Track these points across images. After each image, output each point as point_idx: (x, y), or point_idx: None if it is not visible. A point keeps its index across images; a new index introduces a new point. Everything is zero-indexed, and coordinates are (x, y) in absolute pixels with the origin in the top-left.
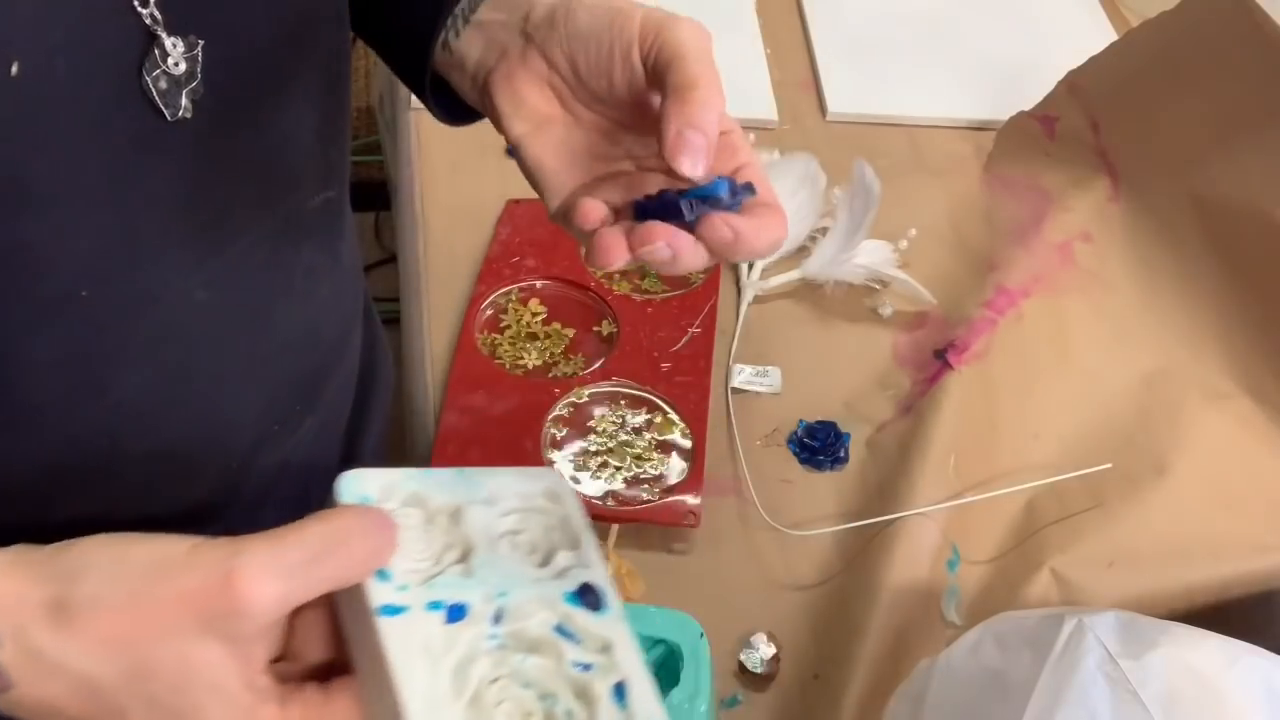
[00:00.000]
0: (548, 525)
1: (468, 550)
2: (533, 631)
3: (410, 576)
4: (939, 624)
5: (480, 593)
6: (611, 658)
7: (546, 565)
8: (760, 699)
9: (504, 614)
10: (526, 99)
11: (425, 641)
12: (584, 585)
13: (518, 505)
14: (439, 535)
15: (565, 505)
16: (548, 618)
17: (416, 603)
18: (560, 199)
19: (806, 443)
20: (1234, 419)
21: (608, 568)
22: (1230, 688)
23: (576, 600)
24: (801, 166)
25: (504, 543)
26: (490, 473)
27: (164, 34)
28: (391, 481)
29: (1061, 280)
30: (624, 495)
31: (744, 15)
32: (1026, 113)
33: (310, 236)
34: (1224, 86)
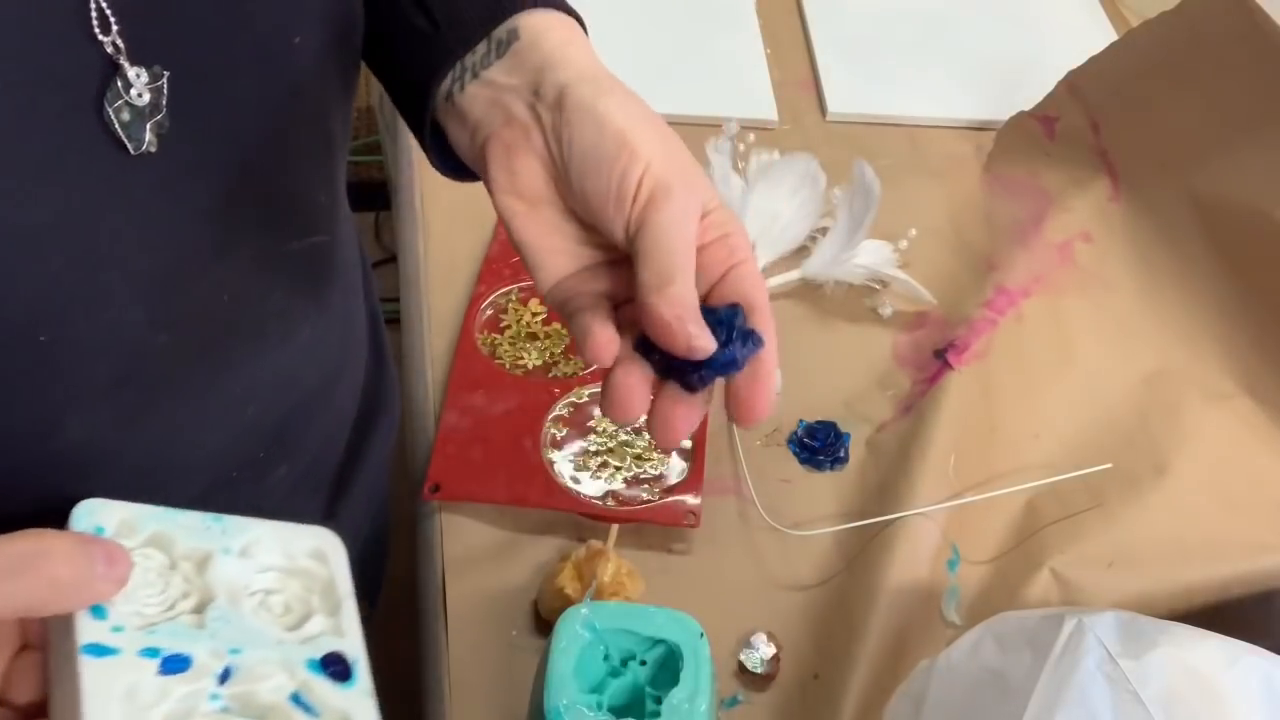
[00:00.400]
0: (308, 587)
1: (206, 601)
2: (263, 696)
3: (131, 619)
4: (939, 624)
5: (209, 647)
6: None
7: (296, 630)
8: (760, 699)
9: (233, 673)
10: (522, 175)
11: (130, 690)
12: (332, 654)
13: (277, 563)
14: (179, 583)
15: (331, 568)
16: (283, 683)
17: (130, 647)
18: (553, 280)
19: (806, 443)
20: (1234, 419)
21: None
22: (1230, 688)
23: (320, 669)
24: (801, 166)
25: (252, 600)
26: (254, 524)
27: (126, 63)
28: (136, 516)
29: (1061, 280)
30: (624, 495)
31: (744, 15)
32: (1026, 113)
33: (288, 281)
34: (1224, 86)
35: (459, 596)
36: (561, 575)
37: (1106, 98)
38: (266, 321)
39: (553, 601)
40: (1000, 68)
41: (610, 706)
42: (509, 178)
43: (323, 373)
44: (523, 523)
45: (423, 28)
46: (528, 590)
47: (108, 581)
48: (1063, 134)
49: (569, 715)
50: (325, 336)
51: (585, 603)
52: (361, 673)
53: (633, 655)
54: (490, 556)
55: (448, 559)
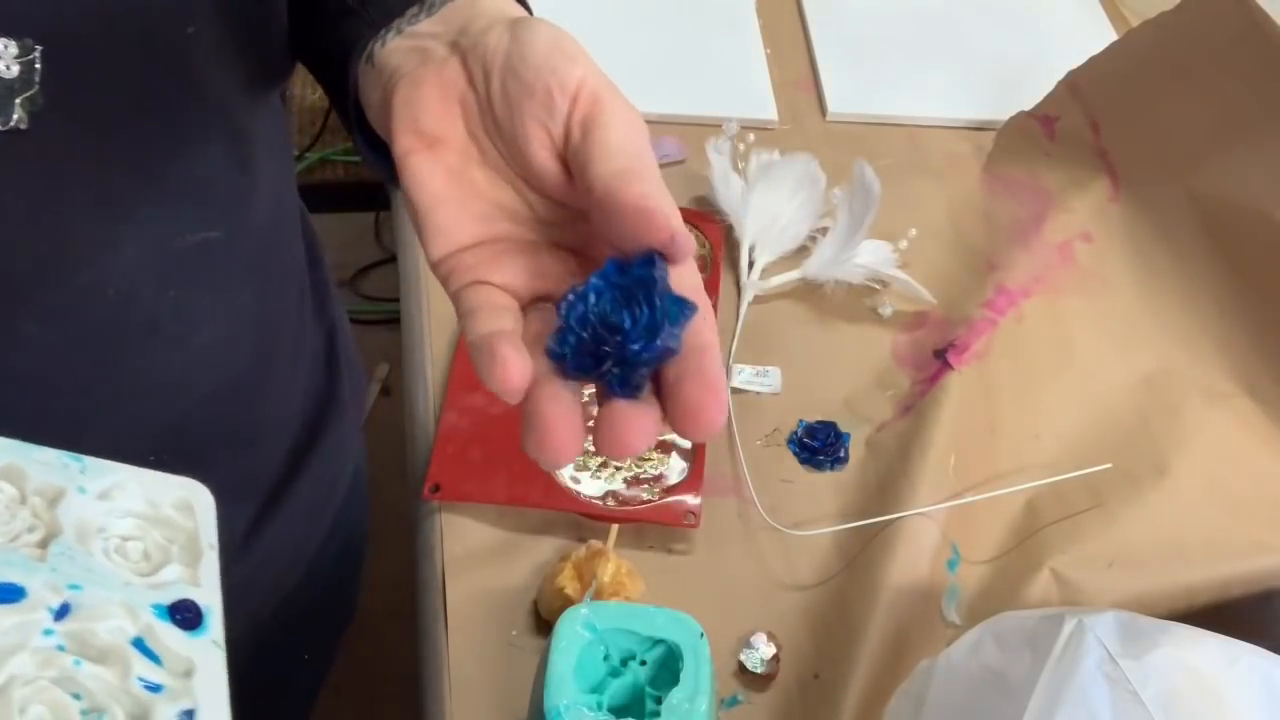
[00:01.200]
0: (169, 538)
1: (52, 536)
2: (102, 637)
3: None
4: (939, 624)
5: (47, 580)
6: (190, 684)
7: (149, 576)
8: (760, 699)
9: (71, 610)
10: (428, 110)
11: None
12: (183, 601)
13: (140, 510)
14: (26, 516)
15: (197, 519)
16: (125, 626)
17: None
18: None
19: (806, 443)
20: (1234, 419)
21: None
22: (1230, 688)
23: (167, 615)
24: (801, 166)
25: (105, 542)
26: (118, 468)
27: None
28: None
29: (1061, 280)
30: (624, 495)
31: (744, 15)
32: (1026, 113)
33: (185, 278)
34: (1224, 86)
35: (459, 596)
36: (561, 575)
37: (1106, 98)
38: (159, 319)
39: (553, 601)
40: (1000, 68)
41: (610, 706)
42: (410, 114)
43: (228, 377)
44: (523, 523)
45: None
46: (528, 590)
47: None
48: (1063, 134)
49: (569, 715)
50: (232, 340)
51: (585, 603)
52: (213, 623)
53: (633, 655)
54: (490, 556)
55: (448, 559)
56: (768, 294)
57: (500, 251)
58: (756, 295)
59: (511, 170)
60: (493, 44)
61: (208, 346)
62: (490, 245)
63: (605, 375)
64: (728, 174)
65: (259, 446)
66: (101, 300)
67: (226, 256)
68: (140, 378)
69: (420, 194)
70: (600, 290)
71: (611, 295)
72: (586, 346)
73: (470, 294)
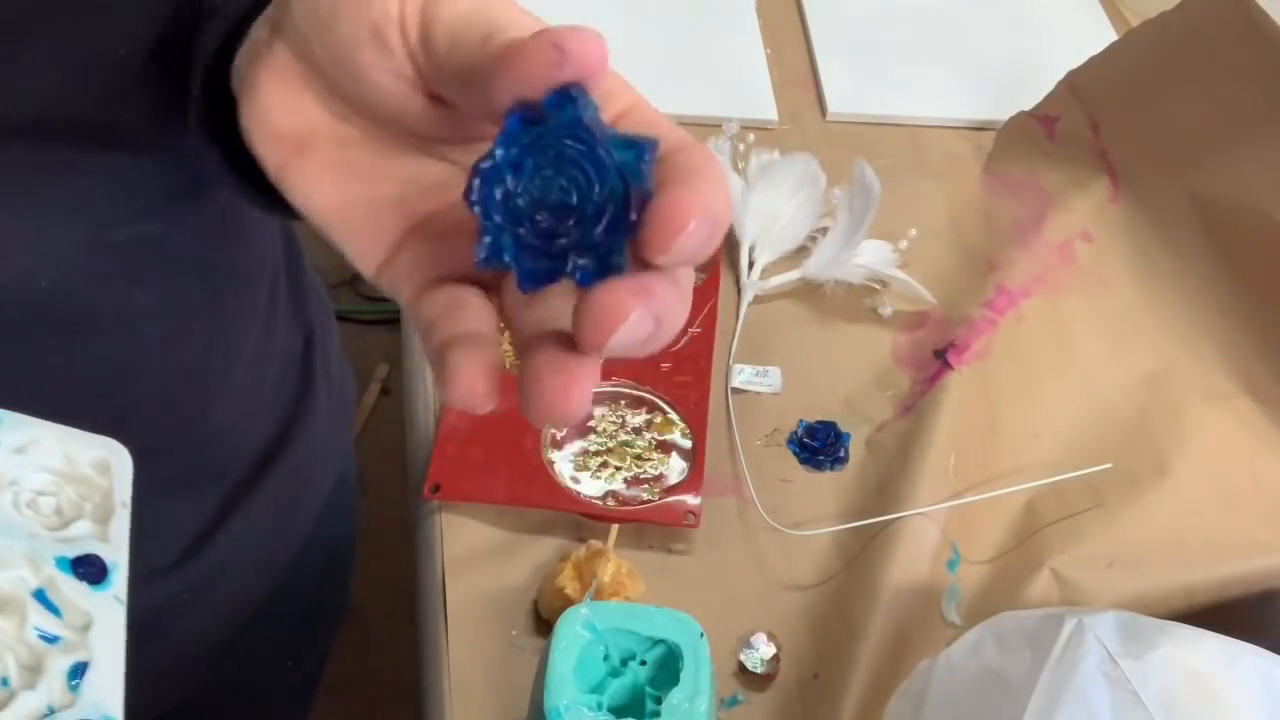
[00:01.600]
0: (83, 495)
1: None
2: (1, 587)
3: None
4: (939, 624)
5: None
6: (86, 637)
7: (58, 531)
8: (760, 699)
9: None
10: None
11: None
12: (88, 555)
13: (55, 466)
14: None
15: (112, 478)
16: (25, 576)
17: None
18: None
19: (806, 443)
20: (1234, 419)
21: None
22: (1230, 688)
23: (70, 568)
24: (801, 166)
25: (15, 493)
26: (37, 424)
27: None
28: None
29: (1061, 280)
30: (624, 495)
31: (744, 15)
32: (1026, 113)
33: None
34: (1224, 86)
35: (459, 596)
36: (561, 575)
37: (1106, 98)
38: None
39: (553, 601)
40: (1000, 68)
41: (610, 706)
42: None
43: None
44: (523, 523)
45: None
46: (528, 590)
47: None
48: (1063, 134)
49: (569, 715)
50: (178, 338)
51: (585, 603)
52: (117, 579)
53: (633, 655)
54: (490, 556)
55: (448, 559)
56: (768, 294)
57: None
58: (756, 295)
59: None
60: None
61: (150, 344)
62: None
63: (572, 272)
64: (728, 174)
65: (215, 445)
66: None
67: (167, 252)
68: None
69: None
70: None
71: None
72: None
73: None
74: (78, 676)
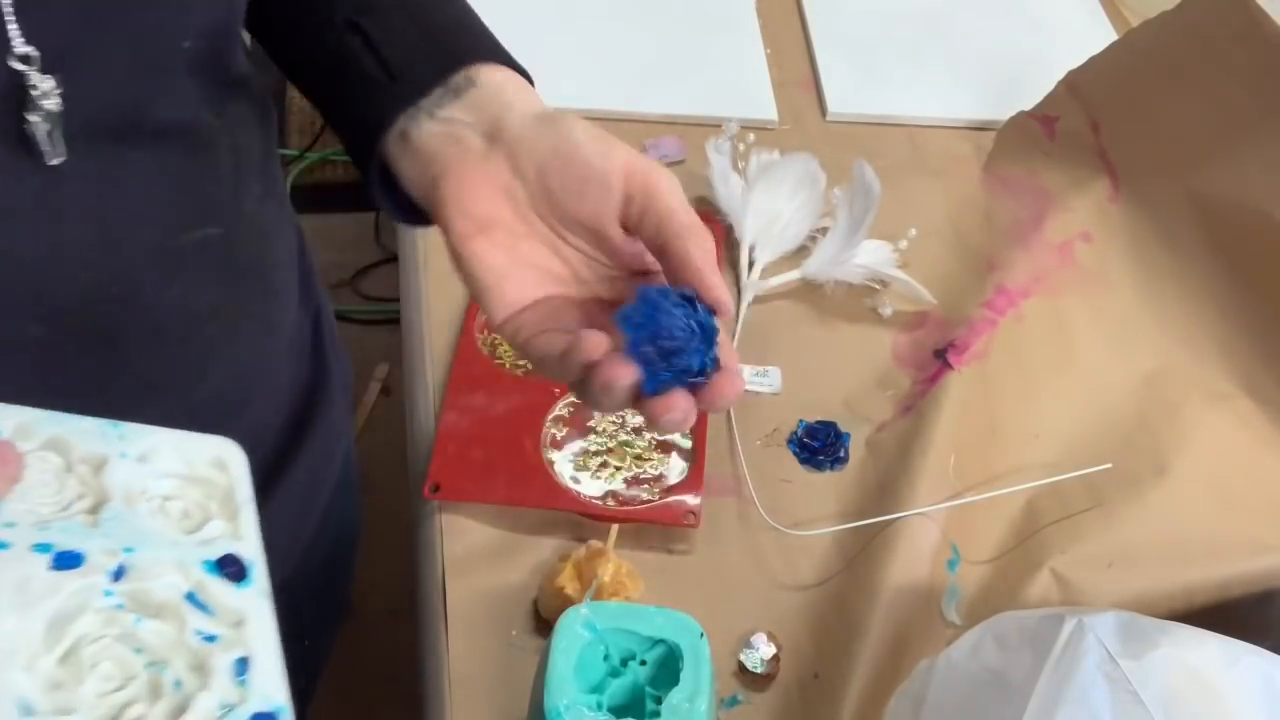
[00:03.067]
0: (207, 494)
1: (101, 503)
2: (157, 595)
3: (24, 517)
4: (939, 624)
5: (102, 545)
6: (241, 633)
7: (193, 534)
8: (760, 699)
9: (126, 571)
10: (477, 199)
11: (21, 583)
12: (228, 556)
13: (177, 470)
14: (74, 485)
15: (232, 476)
16: (178, 582)
17: (21, 541)
18: (508, 311)
19: (806, 443)
20: (1234, 419)
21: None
22: (1230, 688)
23: (216, 569)
24: (801, 166)
25: (149, 504)
26: (154, 431)
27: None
28: (33, 421)
29: (1061, 280)
30: (624, 495)
31: (744, 15)
32: (1026, 113)
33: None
34: (1224, 86)
35: (459, 596)
36: (561, 575)
37: (1106, 98)
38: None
39: (553, 601)
40: (1000, 68)
41: (610, 706)
42: (460, 202)
43: (232, 374)
44: (522, 523)
45: (373, 73)
46: (528, 590)
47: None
48: (1063, 134)
49: (569, 715)
50: (236, 336)
51: (585, 603)
52: (258, 575)
53: (633, 655)
54: (490, 556)
55: (448, 559)
56: (768, 294)
57: (554, 307)
58: (756, 295)
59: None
60: (537, 144)
61: (210, 344)
62: (544, 303)
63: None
64: (728, 174)
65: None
66: (106, 300)
67: (226, 252)
68: (147, 377)
69: (483, 271)
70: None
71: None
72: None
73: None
74: (243, 671)
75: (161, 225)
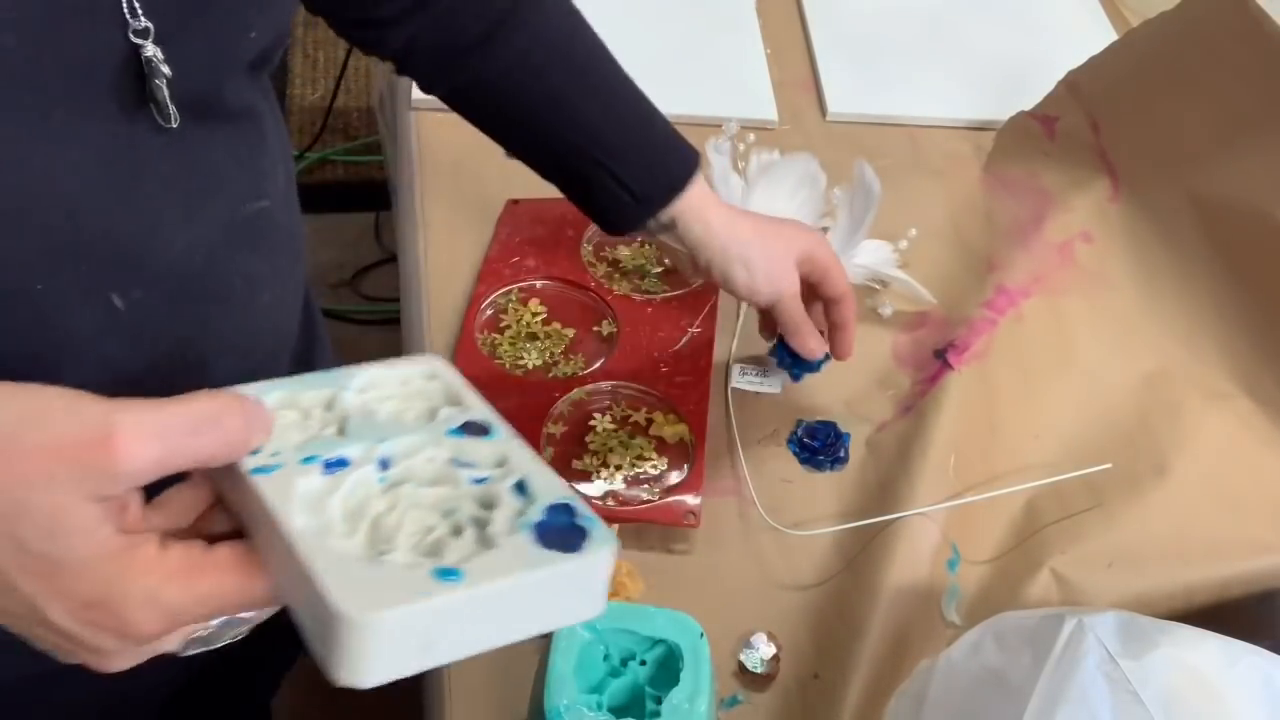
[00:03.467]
0: (429, 399)
1: (343, 424)
2: (424, 469)
3: (285, 447)
4: (939, 624)
5: (359, 448)
6: (507, 468)
7: (430, 421)
8: (760, 699)
9: (390, 460)
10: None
11: (305, 491)
12: (466, 422)
13: (397, 390)
14: (315, 423)
15: (445, 379)
16: (436, 454)
17: (290, 461)
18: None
19: (806, 443)
20: (1234, 419)
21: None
22: (1230, 688)
23: (461, 433)
24: (801, 166)
25: (385, 413)
26: (363, 368)
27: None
28: (259, 389)
29: (1061, 280)
30: (624, 495)
31: (744, 15)
32: (1026, 113)
33: (248, 242)
34: (1224, 86)
35: None
36: None
37: (1106, 98)
38: (232, 282)
39: None
40: (1000, 68)
41: (610, 706)
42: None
43: (277, 337)
44: None
45: (619, 195)
46: None
47: (265, 430)
48: (1063, 134)
49: (569, 715)
50: (281, 301)
51: None
52: (501, 428)
53: (633, 655)
54: None
55: None
56: None
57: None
58: None
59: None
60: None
61: (266, 309)
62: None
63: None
64: (728, 174)
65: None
66: (192, 265)
67: (274, 223)
68: (219, 341)
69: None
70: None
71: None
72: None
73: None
74: (522, 489)
75: (231, 197)
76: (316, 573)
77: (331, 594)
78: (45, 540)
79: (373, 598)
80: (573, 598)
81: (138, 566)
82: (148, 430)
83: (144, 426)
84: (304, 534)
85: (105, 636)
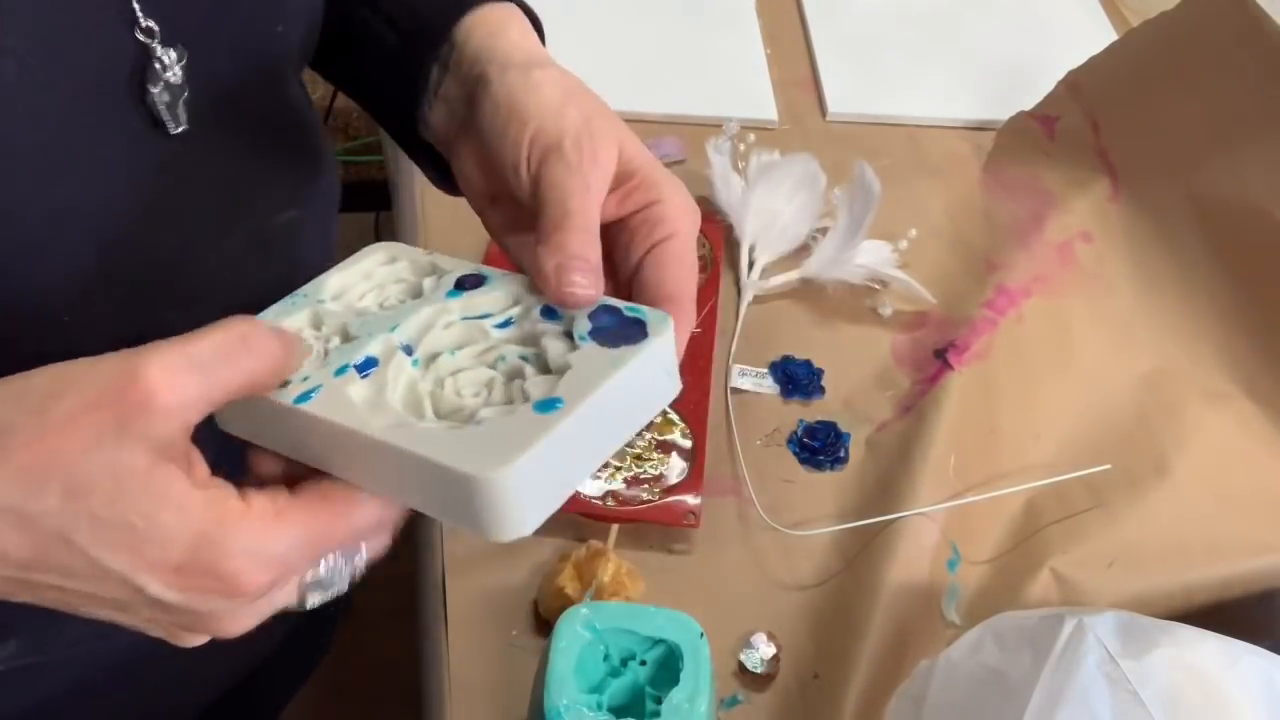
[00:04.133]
0: (403, 277)
1: (344, 330)
2: (445, 337)
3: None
4: (939, 624)
5: (376, 345)
6: (522, 302)
7: (422, 296)
8: (760, 699)
9: (411, 344)
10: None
11: (354, 398)
12: (458, 279)
13: (367, 286)
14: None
15: (408, 255)
16: (448, 319)
17: (325, 379)
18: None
19: (806, 443)
20: (1234, 420)
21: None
22: (1230, 688)
23: (459, 292)
24: (801, 167)
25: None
26: (321, 278)
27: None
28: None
29: (1061, 280)
30: (624, 495)
31: (744, 15)
32: (1026, 113)
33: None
34: (1224, 86)
35: (459, 596)
36: (561, 575)
37: (1106, 98)
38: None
39: (553, 601)
40: (1000, 68)
41: (610, 706)
42: (464, 176)
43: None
44: None
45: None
46: (528, 590)
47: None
48: (1063, 134)
49: (569, 715)
50: None
51: (585, 603)
52: (490, 271)
53: (633, 655)
54: (490, 556)
55: (448, 559)
56: (768, 294)
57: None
58: (756, 295)
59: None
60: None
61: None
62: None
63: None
64: (728, 174)
65: None
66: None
67: (304, 231)
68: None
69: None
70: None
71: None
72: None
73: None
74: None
75: (260, 205)
76: (433, 457)
77: (461, 466)
78: (114, 505)
79: (498, 453)
80: (657, 382)
81: (229, 519)
82: (176, 363)
83: (171, 359)
84: (394, 431)
85: (212, 599)
